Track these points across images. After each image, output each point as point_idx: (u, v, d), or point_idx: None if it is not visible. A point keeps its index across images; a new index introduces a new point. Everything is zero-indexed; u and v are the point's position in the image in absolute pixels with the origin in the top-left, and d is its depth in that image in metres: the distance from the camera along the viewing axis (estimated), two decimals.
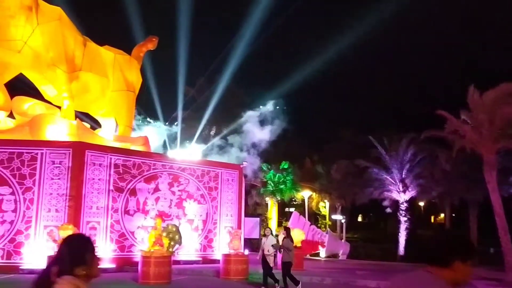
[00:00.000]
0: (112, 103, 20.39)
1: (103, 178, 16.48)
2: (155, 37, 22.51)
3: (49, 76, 18.13)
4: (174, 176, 18.51)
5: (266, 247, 13.71)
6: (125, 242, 16.61)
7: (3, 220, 15.03)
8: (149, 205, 17.57)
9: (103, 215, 16.23)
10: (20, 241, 14.96)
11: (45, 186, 15.46)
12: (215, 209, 19.67)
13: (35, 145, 15.95)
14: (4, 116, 18.03)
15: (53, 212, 15.35)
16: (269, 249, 13.58)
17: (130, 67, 21.14)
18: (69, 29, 18.49)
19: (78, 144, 16.33)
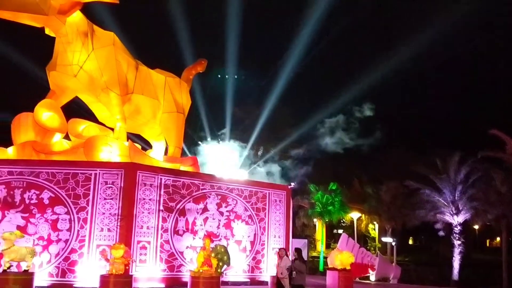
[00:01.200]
0: (162, 124, 20.84)
1: (154, 198, 16.76)
2: (204, 59, 22.98)
3: (103, 99, 18.75)
4: (222, 196, 18.63)
5: (280, 270, 13.36)
6: (175, 262, 16.76)
7: (58, 239, 15.50)
8: (198, 225, 17.71)
9: (153, 235, 16.46)
10: (74, 260, 15.36)
11: (98, 206, 15.87)
12: (263, 230, 19.61)
13: (89, 166, 16.44)
14: (60, 138, 18.76)
15: (106, 232, 15.70)
16: (282, 272, 13.20)
17: (180, 89, 21.60)
18: (122, 53, 19.13)
19: (130, 165, 16.72)
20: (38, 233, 15.47)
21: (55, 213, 15.65)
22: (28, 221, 15.51)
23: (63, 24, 17.43)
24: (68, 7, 17.18)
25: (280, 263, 13.29)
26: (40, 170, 15.98)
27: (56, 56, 18.23)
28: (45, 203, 15.71)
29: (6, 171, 15.87)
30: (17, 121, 18.39)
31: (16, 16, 16.80)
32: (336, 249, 21.50)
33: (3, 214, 15.47)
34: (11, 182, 15.79)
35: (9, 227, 15.24)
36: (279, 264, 13.81)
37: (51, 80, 18.52)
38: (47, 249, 15.37)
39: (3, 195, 15.64)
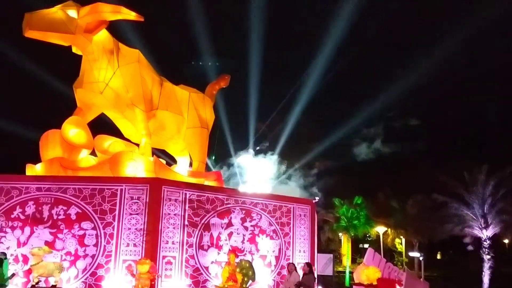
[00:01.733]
0: (187, 139, 21.00)
1: (178, 213, 16.83)
2: (227, 75, 23.17)
3: (128, 115, 19.00)
4: (247, 211, 18.60)
5: (288, 284, 13.16)
6: (200, 277, 16.74)
7: (85, 254, 15.66)
8: (223, 240, 17.69)
9: (178, 250, 16.50)
10: (100, 275, 15.47)
11: (124, 221, 16.00)
12: (288, 245, 19.49)
13: (115, 181, 16.62)
14: (87, 154, 19.04)
15: (132, 247, 15.80)
16: (290, 287, 12.98)
17: (204, 105, 21.77)
18: (147, 70, 19.40)
19: (155, 180, 16.85)
20: (65, 248, 15.65)
21: (82, 229, 15.83)
22: (56, 237, 15.73)
23: (90, 42, 17.80)
24: (94, 25, 17.56)
25: (289, 278, 13.07)
26: (68, 186, 16.22)
27: (83, 73, 18.60)
28: (72, 218, 15.91)
29: (35, 187, 16.16)
30: (45, 138, 18.74)
31: (45, 36, 17.26)
32: (362, 264, 21.20)
33: (32, 229, 15.73)
34: (40, 198, 16.06)
35: (38, 243, 15.50)
36: (288, 279, 13.62)
37: (78, 97, 18.86)
38: (75, 264, 15.53)
39: (31, 211, 15.91)
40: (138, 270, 14.22)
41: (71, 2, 17.56)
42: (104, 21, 17.65)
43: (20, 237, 15.70)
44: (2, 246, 15.57)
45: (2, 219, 15.79)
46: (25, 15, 16.83)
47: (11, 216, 15.86)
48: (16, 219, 15.83)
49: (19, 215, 15.88)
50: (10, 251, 15.53)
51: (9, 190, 16.07)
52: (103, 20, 17.59)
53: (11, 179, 16.58)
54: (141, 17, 17.85)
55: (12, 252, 15.54)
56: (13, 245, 15.64)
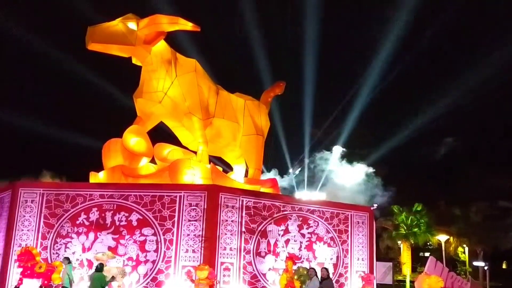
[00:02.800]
0: (242, 147, 21.18)
1: (236, 220, 16.94)
2: (282, 82, 23.24)
3: (186, 123, 19.39)
4: (303, 218, 18.48)
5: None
6: (257, 284, 16.76)
7: (146, 260, 16.04)
8: (280, 247, 17.65)
9: (236, 256, 16.60)
10: (161, 280, 15.80)
11: (183, 227, 16.28)
12: (346, 253, 19.20)
13: (174, 188, 16.96)
14: (147, 162, 19.55)
15: (190, 253, 16.04)
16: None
17: (259, 112, 21.91)
18: (204, 79, 19.75)
19: (212, 187, 17.06)
20: (127, 253, 16.10)
21: (143, 235, 16.23)
22: (118, 242, 16.21)
23: (149, 53, 18.34)
24: (152, 37, 18.07)
25: (309, 284, 12.81)
26: (129, 193, 16.68)
27: (142, 84, 19.16)
28: (133, 225, 16.35)
29: (98, 194, 16.73)
30: (107, 147, 19.41)
31: (107, 48, 17.94)
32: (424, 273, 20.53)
33: (96, 235, 16.28)
34: (103, 205, 16.62)
35: (101, 248, 16.03)
36: (307, 285, 13.38)
37: (138, 107, 19.44)
38: (136, 269, 15.93)
39: (95, 217, 16.48)
40: (197, 276, 14.41)
41: (131, 14, 18.16)
42: (162, 32, 18.14)
43: (84, 242, 16.30)
44: (68, 251, 16.22)
45: (68, 225, 16.44)
46: (88, 29, 17.58)
47: (76, 222, 16.49)
48: (81, 225, 16.44)
49: (83, 221, 16.49)
50: (76, 256, 16.15)
51: (74, 197, 16.73)
52: (161, 31, 18.08)
53: (76, 186, 17.27)
54: (197, 27, 18.20)
55: (78, 257, 16.15)
56: (78, 250, 16.25)
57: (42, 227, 16.46)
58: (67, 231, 16.39)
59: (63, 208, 16.59)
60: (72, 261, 15.86)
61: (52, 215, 16.51)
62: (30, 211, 16.59)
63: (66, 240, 16.34)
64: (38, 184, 17.56)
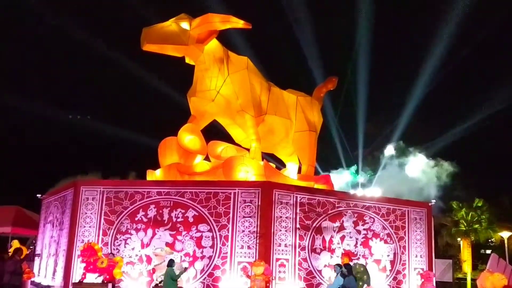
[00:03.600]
0: (295, 143, 21.11)
1: (290, 216, 16.92)
2: (334, 77, 22.97)
3: (239, 121, 19.53)
4: (359, 214, 18.22)
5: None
6: (313, 281, 16.67)
7: (202, 256, 16.29)
8: (335, 243, 17.48)
9: (291, 252, 16.58)
10: (217, 276, 16.01)
11: (238, 224, 16.42)
12: (403, 250, 18.79)
13: (228, 185, 17.12)
14: (201, 159, 19.84)
15: (246, 249, 16.15)
16: None
17: (312, 108, 21.76)
18: (255, 76, 19.82)
19: (266, 184, 17.10)
20: (184, 249, 16.40)
21: (199, 231, 16.50)
22: (175, 238, 16.54)
23: (201, 52, 18.58)
24: (205, 35, 18.31)
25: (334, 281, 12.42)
26: (185, 190, 16.99)
27: (196, 82, 19.45)
28: (190, 221, 16.64)
29: (155, 192, 17.13)
30: (163, 145, 19.86)
31: (161, 48, 18.33)
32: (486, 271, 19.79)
33: (154, 232, 16.68)
34: (160, 202, 17.00)
35: (159, 244, 16.42)
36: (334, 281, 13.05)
37: (191, 106, 19.75)
38: (193, 265, 16.21)
39: (153, 214, 16.88)
40: (253, 272, 14.51)
41: (184, 14, 18.46)
42: (214, 31, 18.34)
43: (143, 238, 16.72)
44: (127, 246, 16.69)
45: (127, 221, 16.92)
46: (143, 30, 18.01)
47: (135, 218, 16.95)
48: (140, 222, 16.89)
49: (142, 217, 16.92)
50: (135, 251, 16.60)
51: (132, 195, 17.19)
52: (213, 29, 18.28)
53: (134, 184, 17.76)
54: (249, 25, 18.26)
55: (137, 252, 16.59)
56: (137, 246, 16.69)
57: (103, 223, 17.01)
58: (127, 228, 16.87)
59: (122, 205, 17.09)
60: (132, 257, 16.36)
61: (112, 212, 17.03)
62: (92, 208, 17.18)
63: (125, 236, 16.82)
64: (98, 182, 18.10)
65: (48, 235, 20.38)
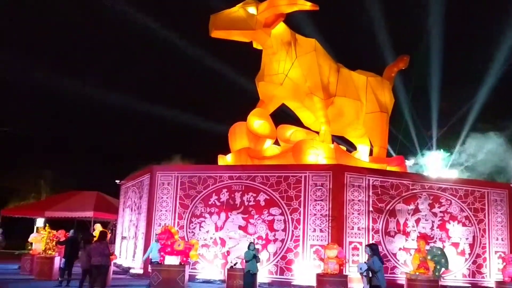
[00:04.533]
0: (366, 125, 20.71)
1: (362, 199, 16.68)
2: (406, 55, 22.23)
3: (307, 104, 19.40)
4: (435, 196, 17.65)
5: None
6: (388, 264, 16.38)
7: (275, 239, 16.43)
8: (410, 226, 17.06)
9: (364, 235, 16.37)
10: (290, 259, 16.11)
11: (309, 207, 16.40)
12: (483, 232, 18.04)
13: (298, 169, 17.11)
14: (271, 144, 19.93)
15: (318, 232, 16.13)
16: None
17: (383, 88, 21.23)
18: (324, 58, 19.56)
19: (337, 167, 16.94)
20: (257, 232, 16.61)
21: (271, 214, 16.64)
22: (248, 222, 16.78)
23: (269, 36, 18.57)
24: (272, 20, 18.26)
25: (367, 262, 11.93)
26: (256, 174, 17.15)
27: (264, 67, 19.50)
28: (261, 205, 16.81)
29: (227, 176, 17.42)
30: (233, 130, 20.13)
31: (229, 34, 18.50)
32: None
33: (227, 215, 17.00)
34: (232, 186, 17.28)
35: (232, 227, 16.72)
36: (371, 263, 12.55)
37: (260, 90, 19.84)
38: (266, 248, 16.40)
39: (225, 198, 17.20)
40: (326, 255, 14.47)
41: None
42: (281, 14, 18.26)
43: (217, 222, 17.09)
44: (202, 230, 17.14)
45: (201, 205, 17.35)
46: (210, 17, 18.22)
47: (208, 202, 17.34)
48: (213, 206, 17.26)
49: (215, 201, 17.29)
50: (209, 234, 17.02)
51: (205, 179, 17.58)
52: (280, 13, 18.19)
53: (206, 169, 18.15)
54: (316, 6, 18.00)
55: (211, 235, 17.00)
56: (211, 230, 17.09)
57: (178, 207, 17.55)
58: (201, 211, 17.30)
59: (196, 189, 17.53)
60: (207, 240, 16.80)
61: (187, 196, 17.52)
62: (167, 193, 17.75)
63: (200, 219, 17.26)
64: (173, 167, 18.65)
65: (127, 219, 21.33)
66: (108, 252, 12.67)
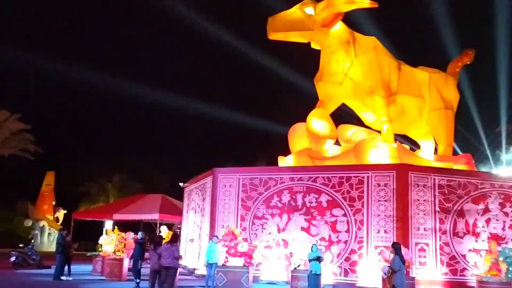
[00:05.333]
0: (430, 123, 20.13)
1: (428, 199, 16.21)
2: (471, 50, 21.43)
3: (368, 103, 19.10)
4: (506, 195, 16.87)
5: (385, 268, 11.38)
6: (457, 266, 15.84)
7: (338, 240, 16.27)
8: (480, 227, 16.40)
9: (431, 237, 15.90)
10: (354, 260, 15.90)
11: (372, 208, 16.13)
12: None
13: (360, 169, 16.87)
14: (331, 144, 19.76)
15: (382, 233, 15.83)
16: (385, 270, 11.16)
17: (447, 85, 20.56)
18: (384, 56, 19.20)
19: (401, 166, 16.56)
20: (319, 234, 16.51)
21: (333, 215, 16.49)
22: (310, 223, 16.72)
23: (327, 36, 18.45)
24: (330, 19, 18.13)
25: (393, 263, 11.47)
26: (317, 175, 17.06)
27: (322, 67, 19.38)
28: (323, 206, 16.70)
29: (288, 177, 17.44)
30: (293, 131, 20.13)
31: (287, 36, 18.54)
32: None
33: (289, 216, 17.01)
34: (293, 187, 17.27)
35: (294, 229, 16.72)
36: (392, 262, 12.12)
37: (319, 90, 19.72)
38: (329, 249, 16.27)
39: (287, 199, 17.21)
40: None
41: (308, 0, 18.43)
42: (339, 13, 18.09)
43: (279, 223, 17.14)
44: (264, 231, 17.23)
45: (263, 207, 17.46)
46: (268, 19, 18.31)
47: (270, 204, 17.42)
48: (275, 207, 17.32)
49: (276, 203, 17.34)
50: (272, 236, 17.08)
51: (266, 181, 17.67)
52: (338, 12, 18.02)
53: (267, 170, 18.24)
54: (375, 3, 17.70)
55: (274, 237, 17.05)
56: (273, 231, 17.15)
57: (240, 209, 17.74)
58: (263, 213, 17.41)
59: (257, 191, 17.66)
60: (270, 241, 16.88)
61: (248, 198, 17.68)
62: (229, 195, 18.00)
63: (262, 221, 17.37)
64: (234, 169, 18.86)
65: (191, 220, 21.79)
66: (178, 255, 13.01)
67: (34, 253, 21.46)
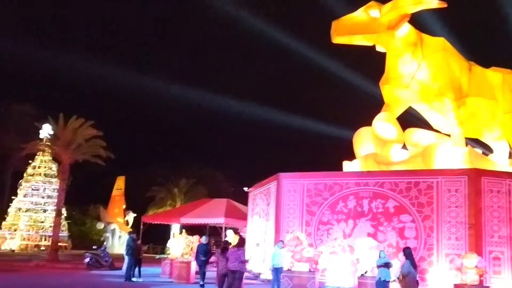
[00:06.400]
0: (504, 126, 19.25)
1: (503, 206, 15.49)
2: None
3: (436, 106, 18.53)
4: None
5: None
6: None
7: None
8: None
9: (506, 245, 15.17)
10: (424, 268, 15.42)
11: (443, 214, 15.60)
12: None
13: (429, 174, 16.38)
14: (398, 148, 19.30)
15: (453, 240, 15.27)
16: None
17: None
18: (454, 57, 18.57)
19: (473, 171, 15.92)
20: (387, 240, 16.16)
21: (401, 221, 16.10)
22: (377, 229, 16.40)
23: (393, 38, 18.10)
24: (396, 21, 17.76)
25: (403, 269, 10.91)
26: (384, 180, 16.72)
27: (388, 70, 19.00)
28: (390, 211, 16.33)
29: (354, 183, 17.20)
30: (358, 135, 19.85)
31: (351, 39, 18.34)
32: None
33: (355, 222, 16.77)
34: (359, 193, 17.01)
35: (360, 235, 16.45)
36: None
37: (384, 94, 19.35)
38: (397, 256, 15.85)
39: (353, 205, 16.98)
40: (464, 265, 13.61)
41: (373, 2, 18.17)
42: (405, 15, 17.69)
43: (345, 229, 16.93)
44: (330, 237, 17.07)
45: (328, 212, 17.31)
46: (332, 23, 18.20)
47: (335, 209, 17.24)
48: (340, 212, 17.13)
49: (342, 208, 17.14)
50: (338, 242, 16.89)
51: (331, 186, 17.52)
52: (404, 14, 17.64)
53: (332, 175, 18.09)
54: (444, 3, 17.18)
55: (339, 243, 16.86)
56: (339, 237, 16.95)
57: (305, 214, 17.67)
58: (328, 218, 17.26)
59: (322, 196, 17.54)
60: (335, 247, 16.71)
61: (313, 203, 17.59)
62: (294, 200, 17.99)
63: (327, 226, 17.22)
64: (298, 174, 18.82)
65: (256, 225, 21.94)
66: (245, 259, 13.14)
67: (107, 255, 22.41)
